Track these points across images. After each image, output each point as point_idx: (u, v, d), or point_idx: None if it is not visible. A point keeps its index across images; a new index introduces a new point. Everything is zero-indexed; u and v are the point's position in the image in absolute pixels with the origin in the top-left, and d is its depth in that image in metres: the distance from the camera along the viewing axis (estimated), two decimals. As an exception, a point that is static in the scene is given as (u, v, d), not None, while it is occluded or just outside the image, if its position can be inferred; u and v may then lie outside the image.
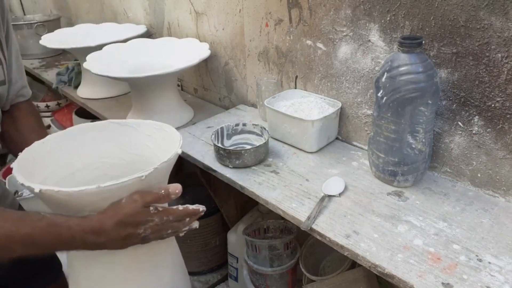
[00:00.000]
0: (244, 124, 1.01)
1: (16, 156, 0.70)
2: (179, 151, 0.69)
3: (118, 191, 0.61)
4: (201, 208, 0.69)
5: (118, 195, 0.61)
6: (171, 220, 0.65)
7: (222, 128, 0.99)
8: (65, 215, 0.60)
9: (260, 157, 0.92)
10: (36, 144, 0.71)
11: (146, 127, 0.80)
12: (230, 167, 0.91)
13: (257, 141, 0.99)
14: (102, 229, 0.60)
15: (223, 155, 0.91)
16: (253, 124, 1.01)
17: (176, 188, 0.65)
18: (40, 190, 0.58)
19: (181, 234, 0.70)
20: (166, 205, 0.69)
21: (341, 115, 0.99)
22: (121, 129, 0.81)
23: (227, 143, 1.00)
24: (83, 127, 0.80)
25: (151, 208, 0.63)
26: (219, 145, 0.93)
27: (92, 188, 0.58)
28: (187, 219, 0.68)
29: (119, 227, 0.60)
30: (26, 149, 0.69)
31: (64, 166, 0.75)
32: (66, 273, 0.74)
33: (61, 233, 0.58)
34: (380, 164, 0.81)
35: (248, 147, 0.92)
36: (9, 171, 1.86)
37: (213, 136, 0.95)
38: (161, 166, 0.64)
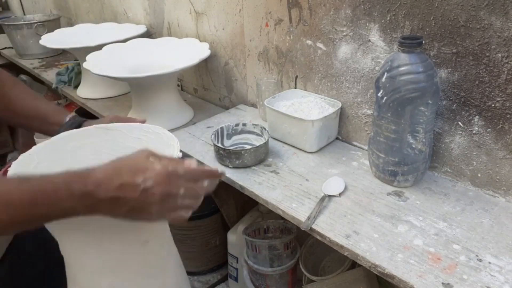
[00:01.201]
0: (244, 124, 1.01)
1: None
2: (180, 155, 0.68)
3: None
4: (220, 170, 0.58)
5: None
6: (180, 174, 0.53)
7: (222, 128, 0.99)
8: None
9: (260, 157, 0.92)
10: (23, 156, 0.69)
11: (135, 130, 0.79)
12: (230, 167, 0.91)
13: (257, 141, 0.99)
14: (91, 174, 0.50)
15: (223, 155, 0.91)
16: (253, 124, 1.01)
17: (192, 162, 0.56)
18: None
19: (193, 209, 0.56)
20: None
21: (341, 115, 0.99)
22: (109, 134, 0.79)
23: (227, 143, 1.00)
24: (69, 135, 0.77)
25: (151, 158, 0.53)
26: (219, 145, 0.93)
27: None
28: (204, 181, 0.56)
29: (113, 173, 0.50)
30: (13, 163, 0.67)
31: None
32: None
33: (43, 188, 0.48)
34: (380, 164, 0.81)
35: (248, 147, 0.92)
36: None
37: (213, 136, 0.95)
38: None
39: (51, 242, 0.67)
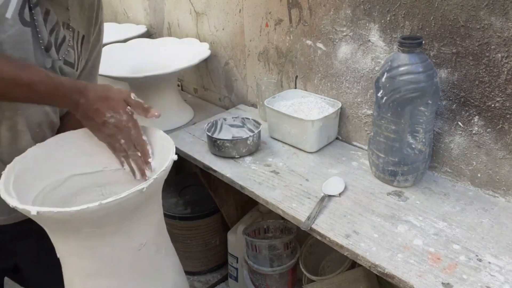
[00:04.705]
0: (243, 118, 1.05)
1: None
2: (175, 157, 0.67)
3: (120, 206, 0.59)
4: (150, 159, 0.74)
5: (120, 209, 0.59)
6: (131, 133, 0.71)
7: (216, 121, 1.05)
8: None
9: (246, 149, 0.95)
10: (18, 159, 0.68)
11: None
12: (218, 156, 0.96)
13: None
14: (85, 94, 0.67)
15: (211, 144, 0.95)
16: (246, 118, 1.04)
17: (157, 111, 0.72)
18: (37, 213, 0.55)
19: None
20: None
21: (341, 115, 0.99)
22: None
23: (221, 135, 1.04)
24: (63, 137, 0.76)
25: (128, 107, 0.70)
26: (209, 134, 0.98)
27: (94, 206, 0.55)
28: (137, 151, 0.73)
29: (97, 100, 0.68)
30: (8, 166, 0.65)
31: (47, 180, 0.72)
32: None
33: (56, 85, 0.65)
34: (380, 164, 0.81)
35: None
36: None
37: (207, 125, 1.01)
38: (160, 175, 0.62)
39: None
